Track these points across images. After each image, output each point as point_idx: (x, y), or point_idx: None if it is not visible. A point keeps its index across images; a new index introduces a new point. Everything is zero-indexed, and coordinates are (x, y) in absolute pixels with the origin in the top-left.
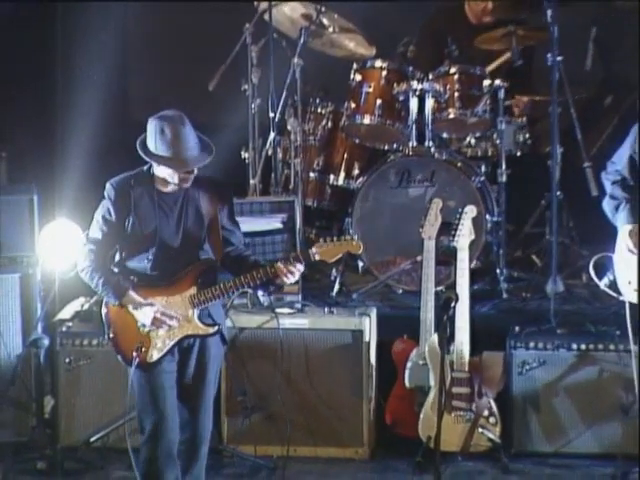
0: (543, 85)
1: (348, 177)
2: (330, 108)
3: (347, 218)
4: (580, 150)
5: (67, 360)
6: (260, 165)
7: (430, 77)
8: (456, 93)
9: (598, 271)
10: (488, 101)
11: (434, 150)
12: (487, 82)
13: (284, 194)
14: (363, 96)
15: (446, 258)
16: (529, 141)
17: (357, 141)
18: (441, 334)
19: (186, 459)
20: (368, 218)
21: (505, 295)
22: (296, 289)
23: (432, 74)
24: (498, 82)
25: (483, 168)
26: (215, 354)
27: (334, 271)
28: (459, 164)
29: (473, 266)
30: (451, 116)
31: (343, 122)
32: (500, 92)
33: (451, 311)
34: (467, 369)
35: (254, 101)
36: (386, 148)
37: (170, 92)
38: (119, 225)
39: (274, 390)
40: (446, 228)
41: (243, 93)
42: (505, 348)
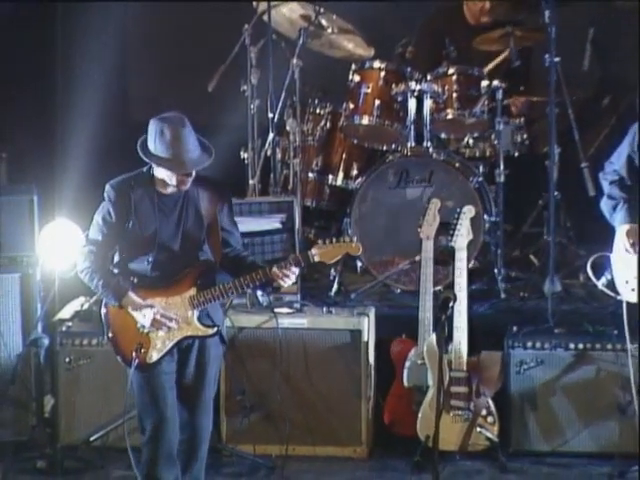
0: (541, 86)
1: (347, 177)
2: (329, 109)
3: (346, 218)
4: (578, 150)
5: (67, 359)
6: (259, 165)
7: (428, 78)
8: (454, 94)
9: (596, 271)
10: (486, 102)
11: (432, 150)
12: (485, 83)
13: (283, 194)
14: (361, 97)
15: (444, 258)
16: (527, 142)
17: (355, 141)
18: (439, 334)
19: (185, 459)
20: (367, 218)
21: (503, 295)
22: (295, 289)
23: (430, 75)
24: (496, 83)
25: (481, 168)
26: (214, 354)
27: (333, 271)
28: (457, 164)
29: (471, 266)
30: (449, 117)
31: (342, 122)
32: (498, 93)
33: (449, 311)
34: (465, 368)
35: (253, 102)
36: (384, 148)
37: (169, 92)
38: (119, 226)
39: (273, 389)
40: (444, 228)
41: (242, 94)
42: (503, 348)
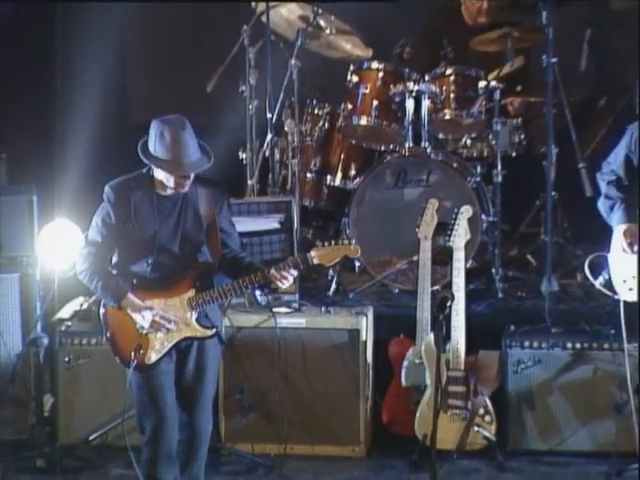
0: (538, 86)
1: (345, 177)
2: (327, 109)
3: (344, 218)
4: (575, 151)
5: (66, 359)
6: (258, 166)
7: (426, 78)
8: (452, 94)
9: (593, 270)
10: (484, 102)
11: (430, 151)
12: (482, 83)
13: (281, 194)
14: (360, 97)
15: (442, 258)
16: (524, 142)
17: (354, 142)
18: (437, 333)
19: (185, 459)
20: (365, 218)
21: (500, 294)
22: (293, 289)
23: (428, 75)
24: (493, 83)
25: (479, 169)
26: (213, 354)
27: (331, 271)
28: (455, 165)
29: (469, 266)
30: (447, 117)
31: (340, 123)
32: (495, 93)
33: (447, 310)
34: (463, 368)
35: (252, 102)
36: (382, 149)
37: (168, 93)
38: (118, 228)
39: (271, 389)
40: (442, 228)
41: (241, 94)
42: (500, 347)
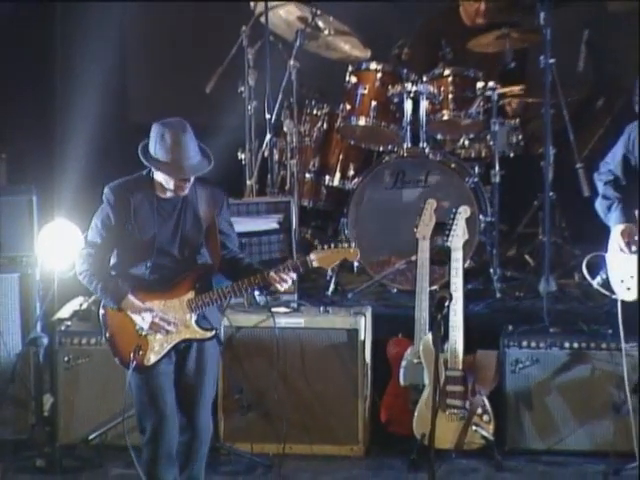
0: (536, 87)
1: (343, 178)
2: (326, 110)
3: (342, 218)
4: (572, 151)
5: (66, 359)
6: (256, 166)
7: (424, 79)
8: (450, 95)
9: (591, 270)
10: (481, 103)
11: (428, 151)
12: (480, 84)
13: (280, 195)
14: (358, 98)
15: (440, 258)
16: (522, 142)
17: (352, 142)
18: (435, 333)
19: (185, 460)
20: (363, 218)
21: (498, 294)
22: (292, 289)
23: (426, 76)
24: (491, 84)
25: (477, 169)
26: (212, 355)
27: (330, 271)
28: (453, 165)
29: (467, 266)
30: (445, 118)
31: (338, 123)
32: (493, 94)
33: (445, 310)
34: (461, 367)
35: (250, 103)
36: (381, 149)
37: (168, 94)
38: (118, 230)
39: (270, 388)
40: (440, 228)
41: (240, 95)
42: (498, 347)
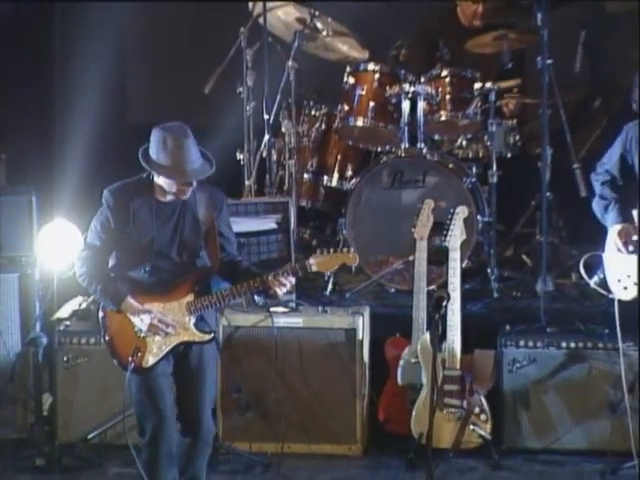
0: (533, 87)
1: (341, 178)
2: (324, 110)
3: (340, 219)
4: (569, 152)
5: (65, 358)
6: (255, 166)
7: (422, 80)
8: (447, 95)
9: (588, 270)
10: (479, 103)
11: (426, 152)
12: (478, 85)
13: (278, 195)
14: (356, 99)
15: (438, 258)
16: (519, 143)
17: (350, 143)
18: (433, 332)
19: (187, 461)
20: (361, 219)
21: (496, 294)
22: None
23: (424, 77)
24: (489, 85)
25: (474, 169)
26: (212, 357)
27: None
28: (450, 165)
29: (464, 266)
30: (443, 118)
31: (336, 124)
32: (491, 95)
33: (443, 310)
34: (458, 367)
35: (249, 103)
36: (379, 150)
37: (167, 94)
38: (117, 233)
39: (269, 388)
40: (438, 228)
41: (238, 95)
42: (496, 346)
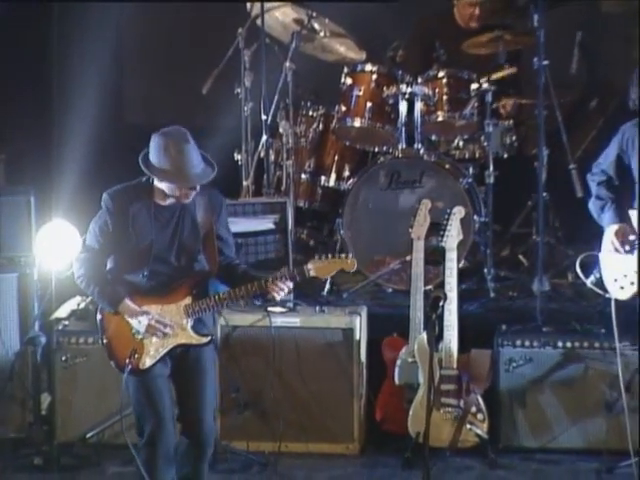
0: (529, 88)
1: (339, 178)
2: (321, 111)
3: (338, 219)
4: (566, 152)
5: (63, 358)
6: (253, 167)
7: (419, 80)
8: (444, 96)
9: (584, 270)
10: (476, 104)
11: (423, 152)
12: (475, 85)
13: (276, 195)
14: (353, 99)
15: (435, 258)
16: (516, 143)
17: (348, 143)
18: (430, 332)
19: (188, 462)
20: (358, 219)
21: (492, 294)
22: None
23: (421, 77)
24: (485, 85)
25: (471, 170)
26: (210, 358)
27: None
28: (447, 166)
29: (461, 266)
30: (440, 119)
31: (334, 125)
32: (487, 95)
33: (440, 310)
34: (455, 366)
35: (247, 104)
36: (376, 150)
37: (164, 95)
38: (116, 236)
39: (266, 387)
40: (435, 228)
41: (236, 96)
42: (492, 346)
